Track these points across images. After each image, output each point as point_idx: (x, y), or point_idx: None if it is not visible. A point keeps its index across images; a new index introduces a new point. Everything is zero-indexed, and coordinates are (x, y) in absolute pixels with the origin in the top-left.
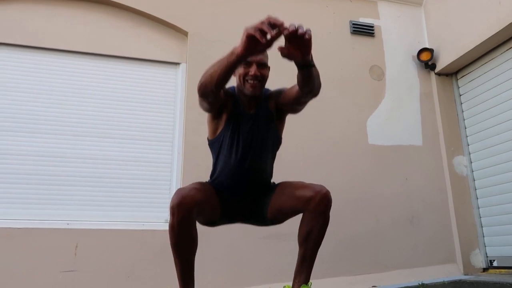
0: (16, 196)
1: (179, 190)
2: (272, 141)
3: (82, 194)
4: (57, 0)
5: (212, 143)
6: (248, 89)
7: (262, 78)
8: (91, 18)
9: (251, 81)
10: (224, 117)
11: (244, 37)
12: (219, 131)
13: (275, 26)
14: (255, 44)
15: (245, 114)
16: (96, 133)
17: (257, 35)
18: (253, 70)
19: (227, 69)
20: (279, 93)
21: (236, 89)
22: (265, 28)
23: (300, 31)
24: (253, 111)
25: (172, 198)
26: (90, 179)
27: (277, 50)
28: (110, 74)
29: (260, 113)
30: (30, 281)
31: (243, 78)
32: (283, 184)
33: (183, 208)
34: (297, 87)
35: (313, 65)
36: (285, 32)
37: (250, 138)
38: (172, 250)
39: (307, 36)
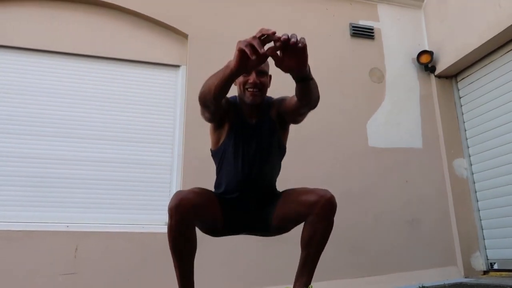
0: (15, 198)
1: (177, 193)
2: (275, 150)
3: (82, 197)
4: (58, 3)
5: (215, 154)
6: (248, 97)
7: (261, 86)
8: (91, 21)
9: (251, 89)
10: (226, 127)
11: (236, 51)
12: (221, 141)
13: (268, 38)
14: (247, 59)
15: (246, 123)
16: (96, 135)
17: (248, 51)
18: (252, 78)
19: (224, 82)
20: (281, 101)
21: (238, 98)
22: (256, 44)
23: (292, 40)
24: (254, 120)
25: (170, 200)
26: (90, 181)
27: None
28: (110, 77)
29: (262, 123)
30: (30, 283)
31: (243, 86)
32: (287, 191)
33: (180, 210)
34: (295, 98)
35: (311, 78)
36: (277, 43)
37: (253, 148)
38: (171, 251)
39: (300, 45)
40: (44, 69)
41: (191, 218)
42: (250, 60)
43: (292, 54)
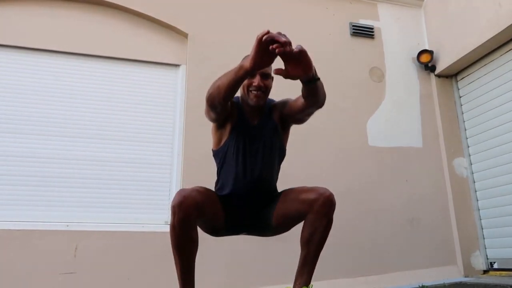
0: (15, 197)
1: (180, 190)
2: (276, 152)
3: (82, 196)
4: (57, 2)
5: (216, 154)
6: (252, 99)
7: (265, 88)
8: (91, 20)
9: (255, 92)
10: (228, 128)
11: (256, 44)
12: (223, 141)
13: (272, 41)
14: (264, 58)
15: (248, 124)
16: (95, 135)
17: (272, 39)
18: (257, 81)
19: (235, 83)
20: (284, 104)
21: (240, 99)
22: (275, 36)
23: (287, 49)
24: (257, 122)
25: (174, 198)
26: (89, 180)
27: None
28: (110, 76)
29: (264, 124)
30: (29, 283)
31: (247, 89)
32: (287, 191)
33: (184, 208)
34: (302, 99)
35: (318, 79)
36: (277, 51)
37: (255, 149)
38: (173, 250)
39: (296, 50)
40: (44, 69)
41: (194, 216)
42: (266, 58)
43: (295, 62)
